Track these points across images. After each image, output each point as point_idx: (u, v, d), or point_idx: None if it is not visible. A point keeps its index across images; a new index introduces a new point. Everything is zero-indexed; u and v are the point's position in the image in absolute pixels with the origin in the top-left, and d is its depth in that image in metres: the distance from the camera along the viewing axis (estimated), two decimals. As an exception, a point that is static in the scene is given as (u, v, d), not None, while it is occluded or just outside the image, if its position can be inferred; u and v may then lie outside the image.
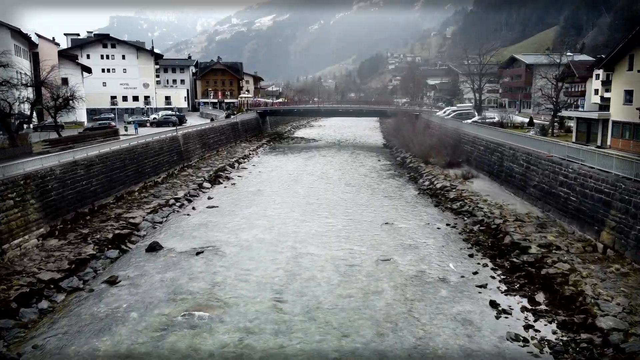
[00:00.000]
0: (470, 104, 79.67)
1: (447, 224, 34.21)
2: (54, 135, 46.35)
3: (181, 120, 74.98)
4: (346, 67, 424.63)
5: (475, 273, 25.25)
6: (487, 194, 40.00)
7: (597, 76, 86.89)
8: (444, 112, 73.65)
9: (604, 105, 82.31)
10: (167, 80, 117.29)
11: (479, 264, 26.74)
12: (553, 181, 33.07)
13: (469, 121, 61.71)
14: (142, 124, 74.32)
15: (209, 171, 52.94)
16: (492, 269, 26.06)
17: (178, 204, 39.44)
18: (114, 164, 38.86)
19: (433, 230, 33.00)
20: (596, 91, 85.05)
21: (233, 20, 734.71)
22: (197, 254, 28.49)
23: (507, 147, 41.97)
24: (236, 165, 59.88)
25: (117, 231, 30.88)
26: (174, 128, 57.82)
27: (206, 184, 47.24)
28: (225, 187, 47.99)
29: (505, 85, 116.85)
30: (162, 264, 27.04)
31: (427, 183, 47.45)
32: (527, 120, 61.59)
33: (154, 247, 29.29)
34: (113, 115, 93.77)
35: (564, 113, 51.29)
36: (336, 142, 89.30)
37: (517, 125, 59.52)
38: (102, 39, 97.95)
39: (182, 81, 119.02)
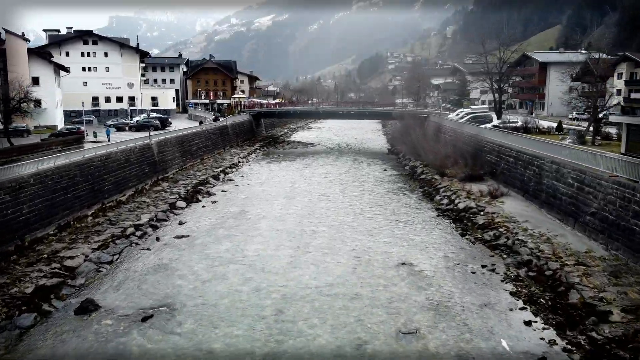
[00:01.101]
0: (486, 106, 71.41)
1: (483, 266, 25.88)
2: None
3: (164, 124, 66.84)
4: (345, 67, 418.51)
5: (543, 360, 17.02)
6: (524, 219, 31.68)
7: (620, 75, 78.58)
8: (457, 115, 65.34)
9: (629, 107, 74.40)
10: (156, 80, 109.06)
11: (542, 339, 18.43)
12: (622, 210, 24.74)
13: (488, 126, 53.43)
14: (121, 128, 66.37)
15: (187, 185, 44.59)
16: (564, 349, 17.77)
17: (138, 233, 31.06)
18: (59, 183, 30.52)
19: (465, 276, 24.67)
20: (619, 92, 77.03)
21: (232, 20, 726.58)
22: (144, 319, 20.17)
23: (547, 161, 33.64)
24: (221, 176, 51.52)
25: (42, 281, 22.56)
26: (152, 133, 49.53)
27: (180, 203, 38.85)
28: (203, 206, 39.59)
29: (516, 85, 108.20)
30: (92, 338, 18.74)
31: (446, 201, 39.16)
32: (554, 124, 53.31)
33: (86, 308, 20.96)
34: (94, 118, 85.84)
35: (614, 118, 42.76)
36: (336, 147, 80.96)
37: (543, 130, 51.20)
38: (83, 35, 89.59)
39: (172, 81, 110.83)
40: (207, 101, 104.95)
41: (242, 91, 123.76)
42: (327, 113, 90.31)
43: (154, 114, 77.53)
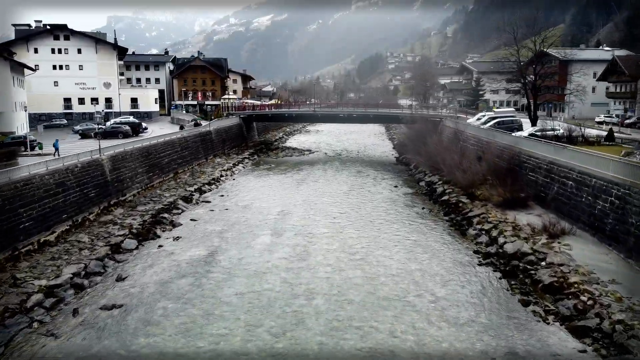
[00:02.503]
0: (511, 109, 61.37)
1: (581, 377, 15.72)
2: None
3: (136, 130, 56.59)
4: (345, 67, 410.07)
5: None
6: (609, 276, 21.56)
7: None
8: (478, 119, 55.14)
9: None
10: (139, 80, 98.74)
11: None
12: None
13: (523, 134, 43.20)
14: (86, 135, 56.27)
15: (147, 212, 34.33)
16: None
17: (49, 301, 20.82)
18: None
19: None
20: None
21: (231, 20, 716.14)
22: None
23: (635, 191, 23.45)
24: (195, 197, 41.22)
25: None
26: (114, 143, 39.30)
27: (128, 243, 28.54)
28: (160, 246, 29.29)
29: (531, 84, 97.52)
30: None
31: (485, 239, 28.96)
32: (603, 132, 43.16)
33: None
34: (65, 122, 75.77)
35: None
36: (336, 155, 70.68)
37: (591, 140, 40.95)
38: (54, 30, 79.11)
39: (157, 80, 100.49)
40: (195, 102, 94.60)
41: (235, 91, 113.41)
42: (327, 116, 79.51)
43: (124, 118, 67.25)
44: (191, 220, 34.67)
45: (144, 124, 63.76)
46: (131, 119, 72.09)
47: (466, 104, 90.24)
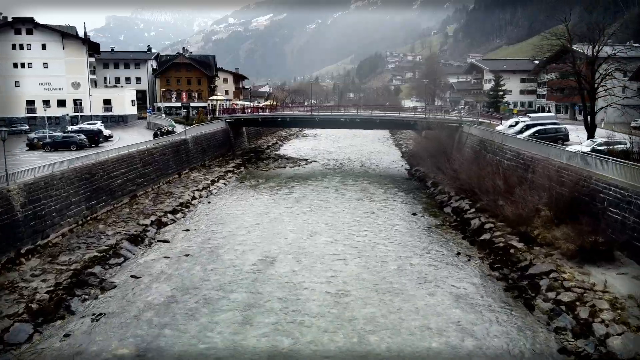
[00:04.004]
0: (550, 114, 50.94)
1: None
2: None
3: (95, 139, 46.01)
4: (344, 66, 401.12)
5: None
6: None
7: None
8: (511, 126, 44.57)
9: None
10: (118, 79, 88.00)
11: None
12: None
13: (583, 148, 32.59)
14: (34, 146, 45.91)
15: (70, 266, 23.74)
16: None
17: None
18: None
19: None
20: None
21: (230, 19, 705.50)
22: None
23: None
24: (151, 233, 30.51)
25: None
26: (54, 160, 28.83)
27: (17, 332, 17.96)
28: (66, 336, 18.63)
29: (553, 84, 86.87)
30: None
31: (570, 323, 18.40)
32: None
33: None
34: (27, 127, 65.09)
35: None
36: (336, 167, 60.10)
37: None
38: (14, 23, 68.38)
39: (138, 80, 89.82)
40: (179, 104, 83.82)
41: (226, 92, 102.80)
42: (326, 121, 68.35)
43: (90, 124, 56.82)
44: (132, 277, 24.03)
45: (108, 131, 53.20)
46: (99, 124, 61.65)
47: (493, 106, 79.17)
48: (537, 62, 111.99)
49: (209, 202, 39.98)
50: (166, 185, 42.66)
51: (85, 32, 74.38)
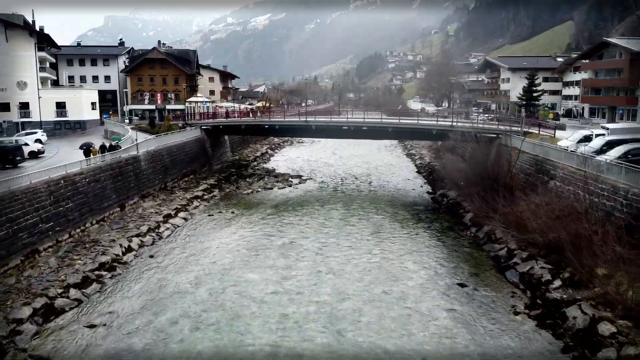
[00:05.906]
0: (634, 124, 38.01)
1: None
2: None
3: (8, 159, 32.82)
4: (343, 66, 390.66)
5: None
6: None
7: None
8: (580, 142, 31.38)
9: None
10: (84, 78, 74.77)
11: None
12: None
13: None
14: None
15: None
16: None
17: None
18: None
19: None
20: None
21: (228, 19, 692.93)
22: None
23: None
24: (28, 332, 17.46)
25: None
26: None
27: None
28: None
29: (588, 84, 73.47)
30: None
31: None
32: None
33: None
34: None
35: None
36: (338, 188, 46.86)
37: None
38: (-55, 8, 54.90)
39: (108, 78, 76.57)
40: (153, 107, 70.51)
41: (212, 92, 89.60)
42: (324, 129, 53.04)
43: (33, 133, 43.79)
44: None
45: (38, 146, 39.82)
46: (39, 133, 48.66)
47: (525, 108, 65.75)
48: (560, 59, 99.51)
49: (150, 256, 26.65)
50: (97, 226, 29.43)
51: (33, 21, 60.84)
